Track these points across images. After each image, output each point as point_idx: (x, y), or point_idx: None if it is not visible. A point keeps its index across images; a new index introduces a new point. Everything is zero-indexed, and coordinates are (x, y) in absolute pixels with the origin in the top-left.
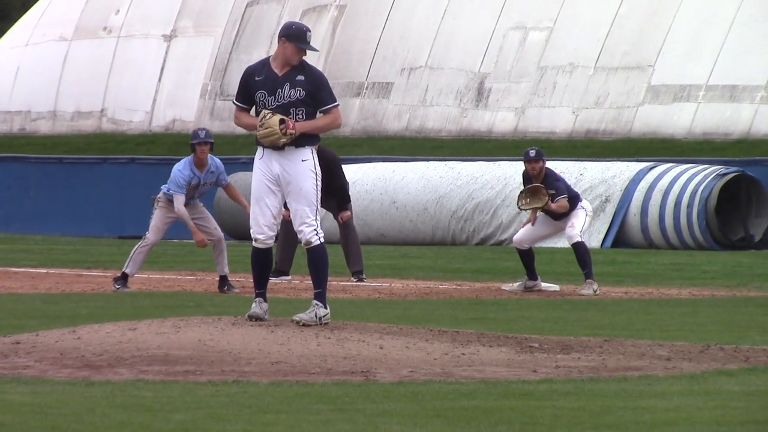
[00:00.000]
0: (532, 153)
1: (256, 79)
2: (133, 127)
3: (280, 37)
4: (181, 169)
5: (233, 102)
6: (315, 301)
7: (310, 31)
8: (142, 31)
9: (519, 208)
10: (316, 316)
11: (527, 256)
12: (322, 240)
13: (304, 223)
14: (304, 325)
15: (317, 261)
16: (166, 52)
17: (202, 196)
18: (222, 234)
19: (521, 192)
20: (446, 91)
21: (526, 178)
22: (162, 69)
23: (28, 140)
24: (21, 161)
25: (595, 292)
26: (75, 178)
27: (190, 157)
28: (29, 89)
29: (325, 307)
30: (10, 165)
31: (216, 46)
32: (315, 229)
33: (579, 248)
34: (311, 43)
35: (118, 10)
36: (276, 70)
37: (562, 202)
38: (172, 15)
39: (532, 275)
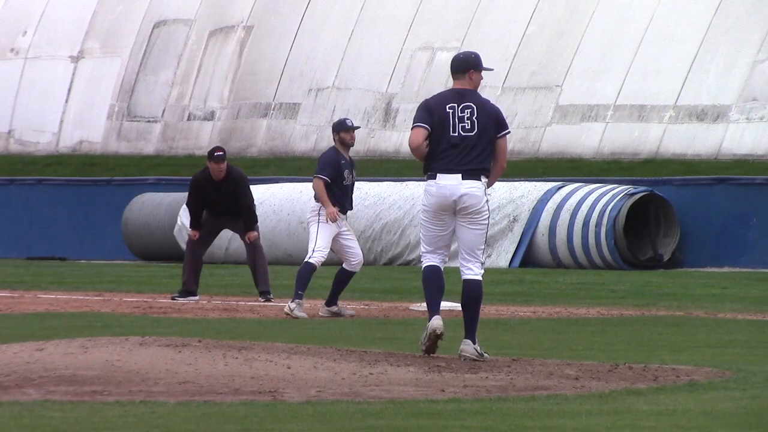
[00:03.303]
0: (351, 122)
1: None
2: (40, 149)
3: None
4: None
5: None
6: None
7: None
8: (50, 53)
9: None
10: None
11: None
12: None
13: None
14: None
15: None
16: (73, 73)
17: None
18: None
19: None
20: (353, 112)
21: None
22: (69, 90)
23: None
24: None
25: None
26: None
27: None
28: None
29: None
30: None
31: (123, 66)
32: None
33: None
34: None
35: (26, 32)
36: None
37: None
38: (79, 36)
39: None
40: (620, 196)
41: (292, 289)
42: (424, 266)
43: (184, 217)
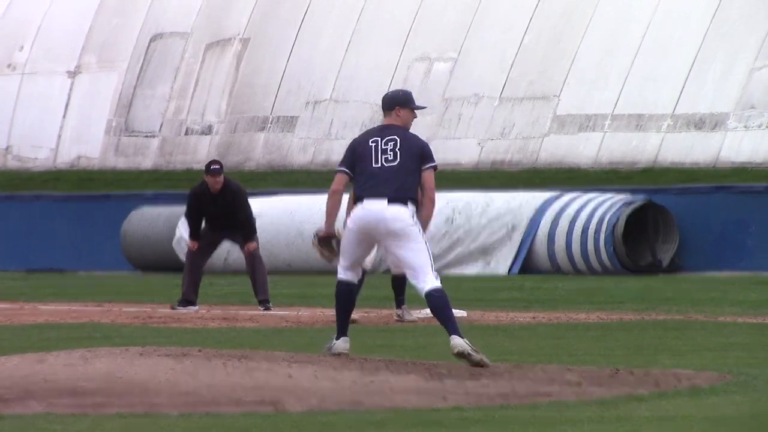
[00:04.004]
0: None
1: None
2: (38, 164)
3: None
4: None
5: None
6: None
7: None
8: (47, 68)
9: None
10: None
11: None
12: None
13: None
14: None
15: None
16: (71, 88)
17: None
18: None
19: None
20: (351, 124)
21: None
22: (66, 105)
23: None
24: None
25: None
26: None
27: None
28: None
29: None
30: None
31: (120, 81)
32: None
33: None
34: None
35: (22, 47)
36: None
37: None
38: (76, 51)
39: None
40: (619, 205)
41: (291, 299)
42: (339, 279)
43: (182, 229)
